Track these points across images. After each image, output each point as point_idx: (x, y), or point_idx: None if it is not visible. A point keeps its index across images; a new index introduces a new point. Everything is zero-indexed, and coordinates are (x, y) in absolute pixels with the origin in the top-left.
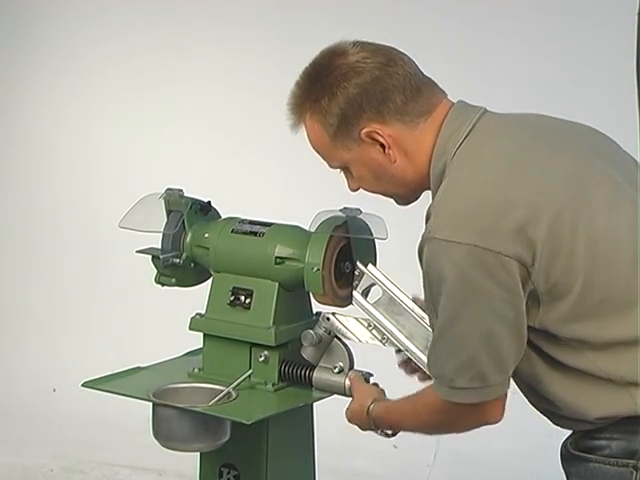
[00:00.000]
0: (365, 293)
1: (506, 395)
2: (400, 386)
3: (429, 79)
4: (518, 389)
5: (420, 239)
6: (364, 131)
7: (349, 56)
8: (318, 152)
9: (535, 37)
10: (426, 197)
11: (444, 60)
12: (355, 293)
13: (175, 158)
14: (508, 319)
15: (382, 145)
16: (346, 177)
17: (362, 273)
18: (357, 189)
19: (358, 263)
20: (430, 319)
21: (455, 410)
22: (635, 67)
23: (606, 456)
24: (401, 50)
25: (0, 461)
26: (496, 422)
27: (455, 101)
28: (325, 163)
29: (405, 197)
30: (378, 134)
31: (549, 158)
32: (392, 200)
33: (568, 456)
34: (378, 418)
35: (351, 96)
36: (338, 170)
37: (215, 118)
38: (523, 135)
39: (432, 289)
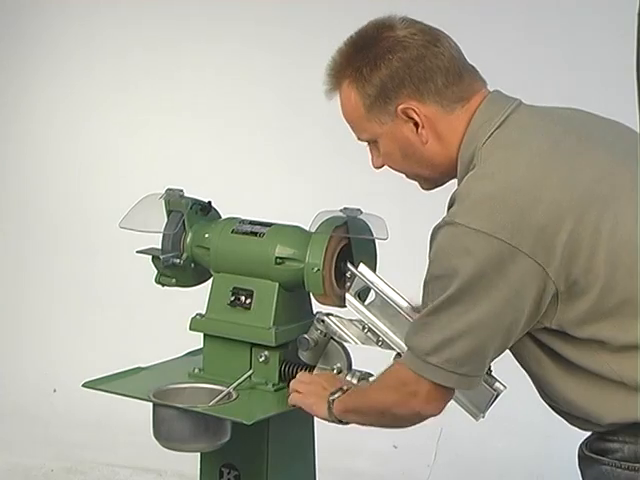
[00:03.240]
0: (364, 294)
1: (451, 397)
2: None
3: (472, 67)
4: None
5: (439, 221)
6: (401, 107)
7: (397, 30)
8: (349, 122)
9: (535, 37)
10: (430, 196)
11: None
12: (348, 295)
13: (175, 158)
14: (503, 322)
15: (416, 124)
16: (371, 152)
17: (354, 274)
18: (381, 166)
19: (349, 265)
20: (424, 295)
21: (411, 387)
22: (635, 67)
23: (618, 459)
24: (449, 35)
25: (1, 461)
26: (433, 415)
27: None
28: (354, 135)
29: (430, 180)
30: (415, 112)
31: (580, 157)
32: (391, 194)
33: (584, 457)
34: (340, 402)
35: (394, 70)
36: (365, 144)
37: (216, 118)
38: (556, 131)
39: (436, 268)
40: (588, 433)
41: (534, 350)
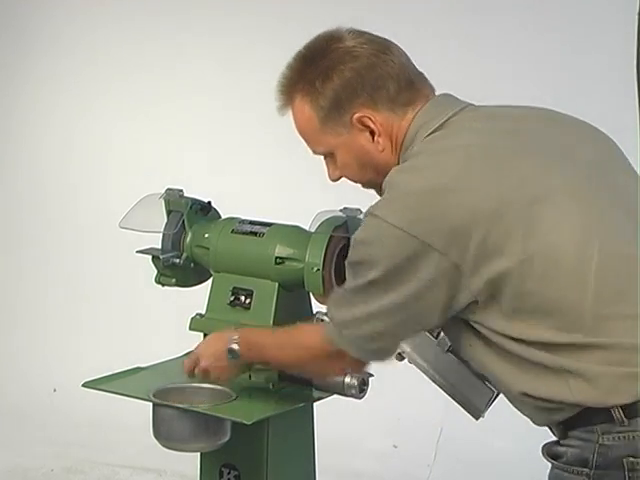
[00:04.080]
0: None
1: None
2: (399, 386)
3: (421, 73)
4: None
5: (368, 207)
6: (356, 116)
7: (346, 41)
8: (304, 136)
9: (535, 37)
10: None
11: (446, 59)
12: None
13: (175, 158)
14: (413, 311)
15: (372, 132)
16: (328, 165)
17: None
18: (338, 178)
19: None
20: (347, 273)
21: (331, 350)
22: (635, 67)
23: (564, 463)
24: (397, 44)
25: (0, 461)
26: (357, 372)
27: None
28: (309, 149)
29: None
30: (370, 120)
31: (510, 162)
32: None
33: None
34: (244, 338)
35: (346, 80)
36: (321, 157)
37: (215, 118)
38: (493, 136)
39: (357, 255)
40: None
41: (464, 331)
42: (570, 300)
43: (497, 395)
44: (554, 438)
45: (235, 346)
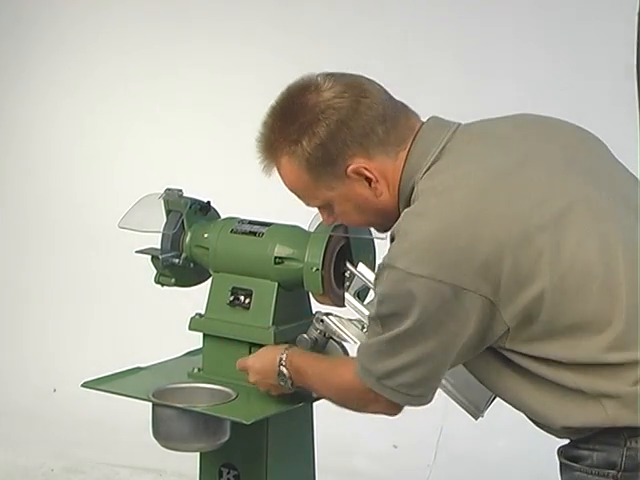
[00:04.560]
0: (363, 294)
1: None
2: None
3: (402, 103)
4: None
5: (382, 261)
6: (351, 168)
7: (324, 92)
8: (297, 194)
9: (535, 37)
10: None
11: (445, 60)
12: (347, 295)
13: (175, 158)
14: (453, 352)
15: (367, 179)
16: (322, 213)
17: (353, 274)
18: (334, 222)
19: (348, 264)
20: (369, 323)
21: (368, 396)
22: (635, 67)
23: (588, 466)
24: (371, 78)
25: (0, 461)
26: (393, 416)
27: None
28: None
29: (386, 225)
30: (365, 169)
31: (519, 183)
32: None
33: (560, 464)
34: (290, 362)
35: (333, 133)
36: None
37: (215, 118)
38: (494, 157)
39: (385, 309)
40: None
41: (494, 362)
42: (606, 310)
43: (496, 395)
44: (554, 437)
45: (284, 370)
